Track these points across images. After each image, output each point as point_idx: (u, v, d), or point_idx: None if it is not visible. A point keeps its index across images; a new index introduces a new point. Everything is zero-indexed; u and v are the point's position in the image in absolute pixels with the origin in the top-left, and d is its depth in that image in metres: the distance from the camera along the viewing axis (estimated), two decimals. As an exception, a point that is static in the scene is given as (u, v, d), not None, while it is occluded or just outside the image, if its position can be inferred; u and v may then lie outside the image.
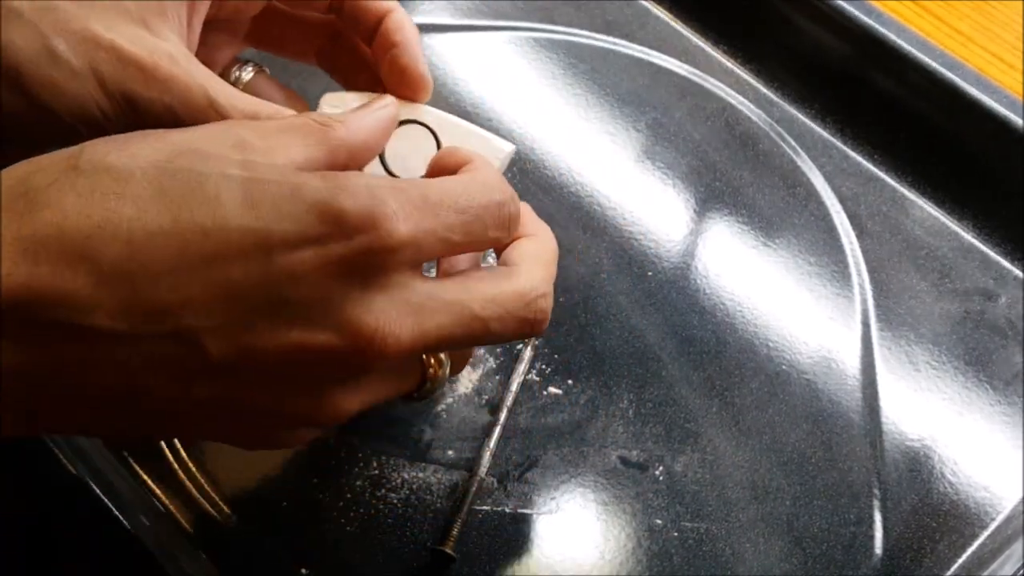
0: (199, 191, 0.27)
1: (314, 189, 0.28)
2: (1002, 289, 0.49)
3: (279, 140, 0.30)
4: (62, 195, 0.27)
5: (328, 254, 0.27)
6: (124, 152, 0.28)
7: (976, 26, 0.61)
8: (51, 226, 0.26)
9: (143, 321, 0.26)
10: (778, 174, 0.52)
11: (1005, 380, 0.46)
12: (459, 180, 0.31)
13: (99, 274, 0.26)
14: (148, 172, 0.27)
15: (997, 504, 0.43)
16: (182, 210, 0.27)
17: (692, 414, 0.44)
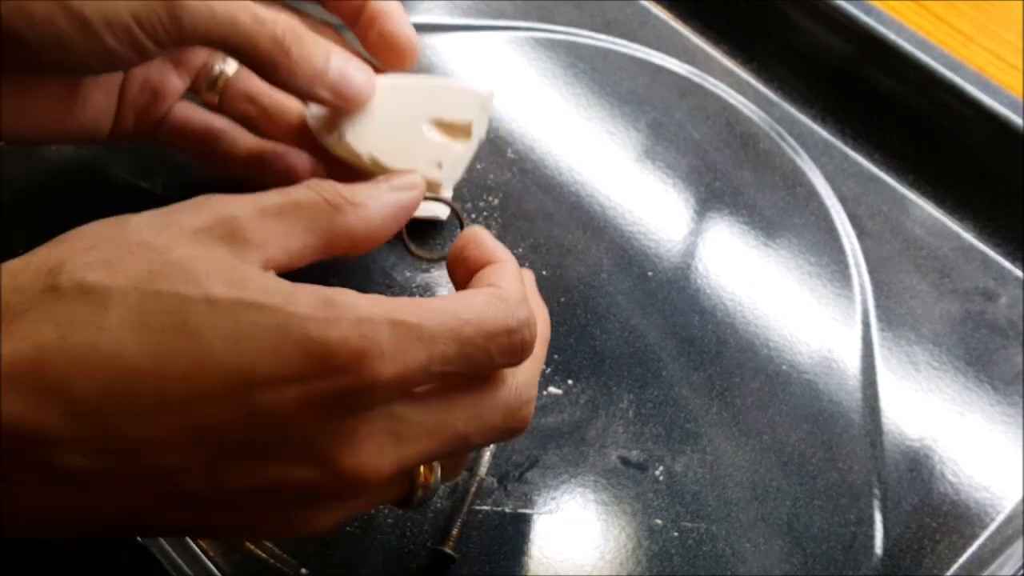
0: (181, 326, 0.26)
1: (301, 322, 0.26)
2: (1002, 289, 0.49)
3: (278, 227, 0.29)
4: (39, 326, 0.26)
5: (310, 392, 0.26)
6: (105, 271, 0.27)
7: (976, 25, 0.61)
8: (26, 361, 0.25)
9: (116, 460, 0.26)
10: (778, 174, 0.52)
11: (1005, 380, 0.46)
12: (468, 303, 0.29)
13: (73, 412, 0.25)
14: (129, 298, 0.26)
15: (997, 504, 0.43)
16: (163, 348, 0.26)
17: (692, 414, 0.44)
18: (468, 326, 0.29)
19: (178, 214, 0.29)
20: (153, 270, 0.27)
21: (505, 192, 0.49)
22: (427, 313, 0.28)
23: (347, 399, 0.27)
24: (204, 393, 0.26)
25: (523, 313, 0.30)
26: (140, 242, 0.27)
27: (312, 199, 0.30)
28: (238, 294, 0.26)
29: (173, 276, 0.27)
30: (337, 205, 0.31)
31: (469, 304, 0.29)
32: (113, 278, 0.26)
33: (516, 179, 0.50)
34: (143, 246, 0.27)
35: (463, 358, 0.29)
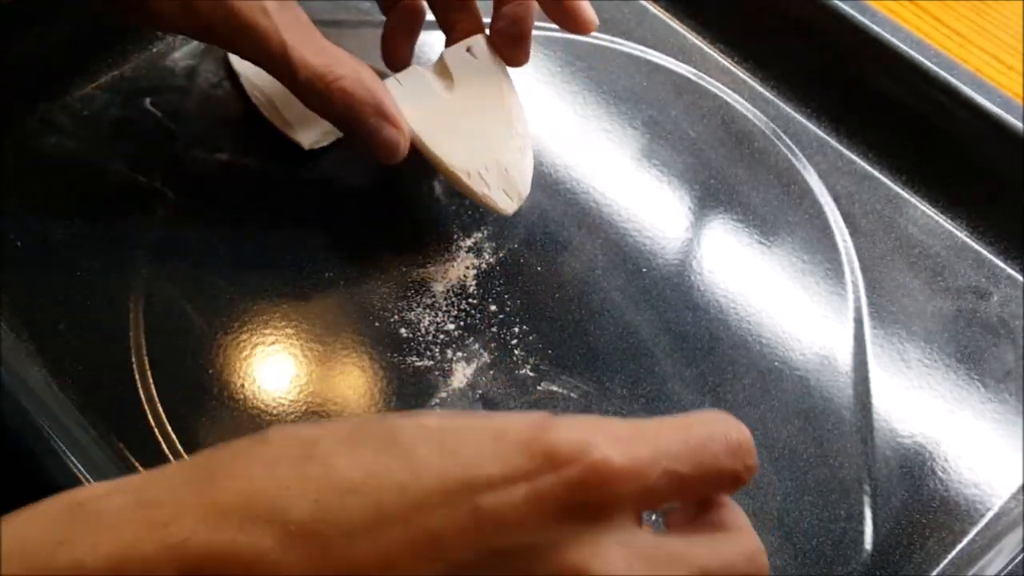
0: (393, 444, 0.25)
1: (517, 430, 0.25)
2: (995, 288, 0.49)
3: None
4: (249, 464, 0.25)
5: (539, 490, 0.24)
6: (317, 425, 0.27)
7: (974, 27, 0.61)
8: (236, 493, 0.25)
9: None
10: (773, 172, 0.52)
11: (996, 378, 0.46)
12: (683, 417, 0.28)
13: (285, 534, 0.24)
14: (337, 434, 0.26)
15: (987, 501, 0.43)
16: (375, 463, 0.25)
17: (685, 410, 0.44)
18: (682, 426, 0.27)
19: None
20: (360, 422, 0.27)
21: (501, 189, 0.50)
22: (639, 421, 0.27)
23: (581, 494, 0.25)
24: (423, 502, 0.24)
25: (731, 418, 0.28)
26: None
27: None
28: (446, 419, 0.26)
29: (383, 419, 0.27)
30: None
31: (672, 419, 0.28)
32: (321, 428, 0.26)
33: (512, 176, 0.50)
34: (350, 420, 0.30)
35: (690, 455, 0.27)
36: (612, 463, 0.25)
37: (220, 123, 0.51)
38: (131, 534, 0.24)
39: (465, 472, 0.24)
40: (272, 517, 0.24)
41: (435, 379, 0.44)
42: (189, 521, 0.24)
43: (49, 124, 0.50)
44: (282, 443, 0.26)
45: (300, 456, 0.25)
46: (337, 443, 0.25)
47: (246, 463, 0.25)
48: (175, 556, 0.24)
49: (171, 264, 0.46)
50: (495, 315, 0.46)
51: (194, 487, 0.25)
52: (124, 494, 0.25)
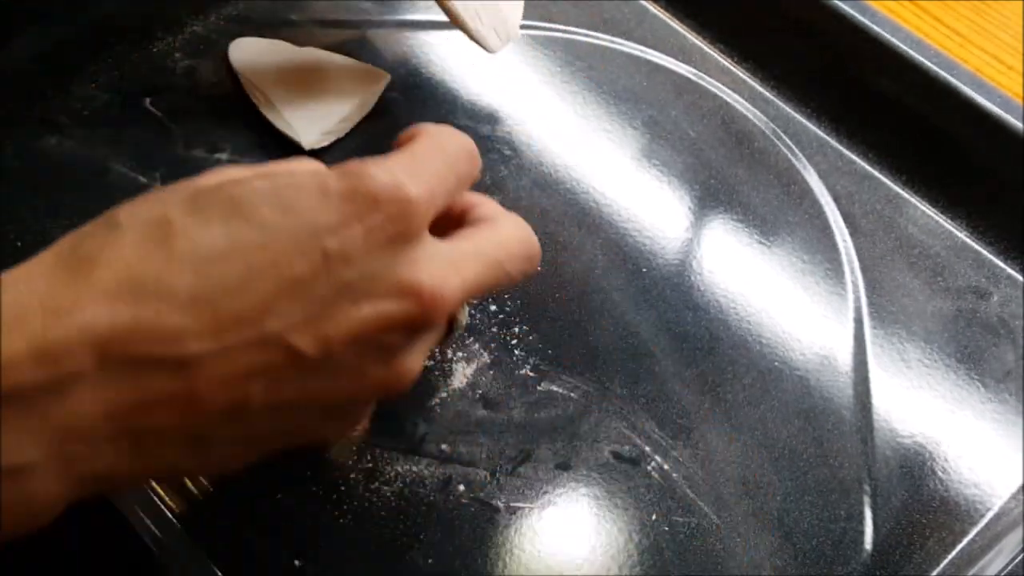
0: (238, 210, 0.29)
1: (336, 181, 0.30)
2: (995, 288, 0.49)
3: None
4: (118, 250, 0.28)
5: (371, 227, 0.30)
6: (152, 201, 0.30)
7: (974, 27, 0.61)
8: (118, 279, 0.28)
9: (231, 336, 0.28)
10: (773, 172, 0.52)
11: (996, 378, 0.46)
12: (423, 138, 0.34)
13: (179, 304, 0.28)
14: (184, 208, 0.29)
15: (987, 501, 0.43)
16: (231, 231, 0.29)
17: (685, 410, 0.44)
18: (436, 146, 0.33)
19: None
20: (194, 193, 0.30)
21: (500, 189, 0.50)
22: (407, 152, 0.33)
23: (400, 225, 0.30)
24: (283, 253, 0.29)
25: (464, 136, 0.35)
26: (186, 188, 0.31)
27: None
28: (272, 181, 0.30)
29: (215, 190, 0.30)
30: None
31: (423, 138, 0.34)
32: (163, 204, 0.29)
33: (511, 176, 0.50)
34: (186, 187, 0.31)
35: (451, 169, 0.33)
36: (415, 196, 0.30)
37: (220, 123, 0.51)
38: (39, 324, 0.27)
39: (309, 225, 0.29)
40: (161, 292, 0.28)
41: (435, 379, 0.44)
42: (88, 306, 0.27)
43: (49, 124, 0.50)
44: (138, 227, 0.29)
45: (162, 235, 0.28)
46: (188, 217, 0.29)
47: (115, 250, 0.28)
48: (86, 339, 0.27)
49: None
50: (495, 315, 0.46)
51: (73, 277, 0.28)
52: (11, 290, 0.27)
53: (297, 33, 0.54)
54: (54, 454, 0.28)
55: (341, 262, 0.29)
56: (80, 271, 0.28)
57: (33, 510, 0.29)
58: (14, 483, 0.28)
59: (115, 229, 0.29)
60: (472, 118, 0.52)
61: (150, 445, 0.29)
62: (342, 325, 0.29)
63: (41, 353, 0.27)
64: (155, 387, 0.28)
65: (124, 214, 0.29)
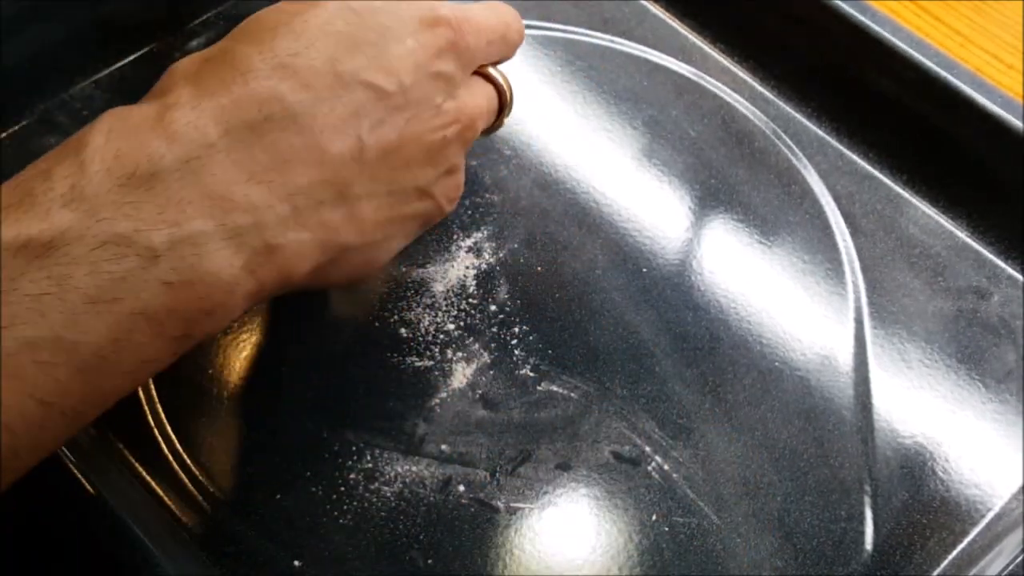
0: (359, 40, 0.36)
1: (418, 8, 0.38)
2: (995, 288, 0.49)
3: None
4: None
5: (434, 40, 0.38)
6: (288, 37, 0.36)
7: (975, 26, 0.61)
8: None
9: (317, 84, 0.34)
10: (774, 172, 0.52)
11: (997, 378, 0.46)
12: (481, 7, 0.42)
13: (267, 71, 0.34)
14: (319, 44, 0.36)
15: (988, 501, 0.43)
16: (357, 60, 0.36)
17: (685, 410, 0.44)
18: (502, 17, 0.43)
19: None
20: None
21: (501, 189, 0.50)
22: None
23: (464, 49, 0.39)
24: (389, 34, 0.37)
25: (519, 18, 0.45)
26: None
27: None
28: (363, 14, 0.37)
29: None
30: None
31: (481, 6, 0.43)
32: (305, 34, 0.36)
33: (512, 176, 0.50)
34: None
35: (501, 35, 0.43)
36: (476, 24, 0.40)
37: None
38: (168, 112, 0.33)
39: (399, 22, 0.37)
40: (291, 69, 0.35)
41: (435, 379, 0.44)
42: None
43: (49, 124, 0.50)
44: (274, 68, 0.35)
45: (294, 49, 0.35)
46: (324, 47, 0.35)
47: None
48: (210, 117, 0.33)
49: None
50: (495, 315, 0.46)
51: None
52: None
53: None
54: (220, 225, 0.31)
55: (432, 53, 0.37)
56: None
57: (220, 288, 0.31)
58: (195, 254, 0.30)
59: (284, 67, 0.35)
60: (472, 118, 0.52)
61: (305, 206, 0.34)
62: (401, 57, 0.36)
63: (172, 135, 0.31)
64: (282, 145, 0.33)
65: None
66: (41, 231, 0.29)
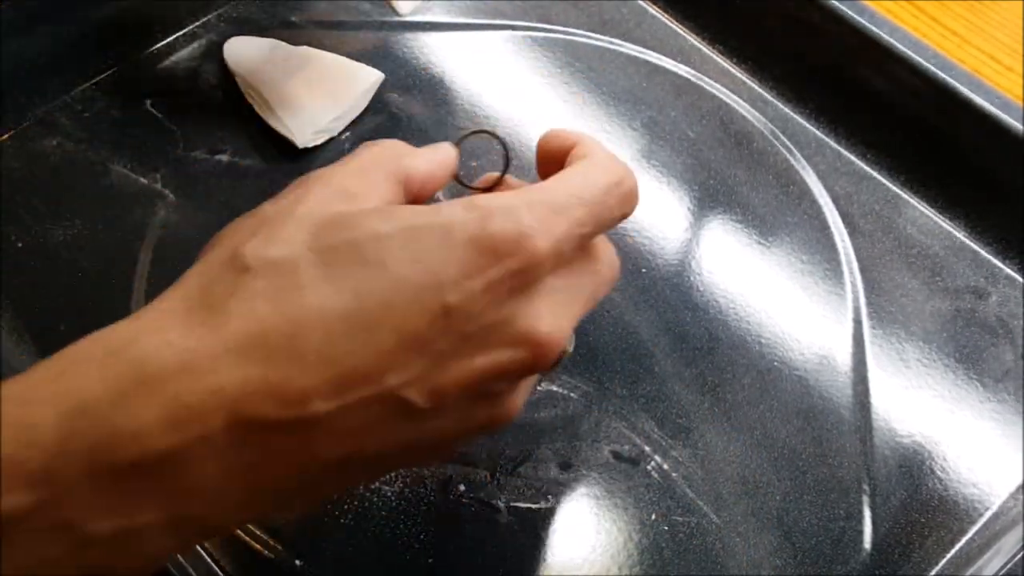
0: (364, 263, 0.29)
1: (462, 224, 0.29)
2: (993, 287, 0.49)
3: (368, 181, 0.32)
4: (248, 301, 0.28)
5: (491, 280, 0.29)
6: (279, 240, 0.29)
7: (971, 27, 0.62)
8: (252, 333, 0.27)
9: (352, 394, 0.28)
10: (772, 173, 0.52)
11: (995, 377, 0.46)
12: (577, 172, 0.33)
13: (306, 365, 0.27)
14: (309, 257, 0.29)
15: (986, 500, 0.43)
16: (359, 285, 0.28)
17: (684, 409, 0.44)
18: (586, 190, 0.32)
19: (302, 198, 0.31)
20: (315, 231, 0.29)
21: (501, 189, 0.50)
22: (550, 191, 0.31)
23: (521, 277, 0.30)
24: (407, 311, 0.28)
25: (620, 166, 0.34)
26: (285, 214, 0.30)
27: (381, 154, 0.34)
28: (395, 224, 0.29)
29: (336, 228, 0.29)
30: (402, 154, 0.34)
31: (576, 175, 0.33)
32: (288, 246, 0.29)
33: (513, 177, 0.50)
34: (291, 216, 0.30)
35: (593, 218, 0.32)
36: (542, 250, 0.30)
37: (220, 124, 0.51)
38: (176, 387, 0.27)
39: (433, 278, 0.29)
40: (291, 353, 0.27)
41: (435, 379, 0.44)
42: (221, 368, 0.27)
43: (49, 124, 0.51)
44: (266, 273, 0.28)
45: (291, 286, 0.28)
46: (316, 269, 0.29)
47: (246, 301, 0.28)
48: (219, 403, 0.27)
49: (171, 264, 0.46)
50: (495, 315, 0.46)
51: (206, 329, 0.28)
52: (160, 341, 0.27)
53: (297, 34, 0.54)
54: (172, 516, 0.27)
55: (462, 317, 0.29)
56: (212, 323, 0.28)
57: (143, 564, 0.28)
58: (129, 543, 0.27)
59: (243, 274, 0.28)
60: (471, 119, 0.52)
61: (261, 497, 0.29)
62: (456, 377, 0.29)
63: (176, 420, 0.27)
64: (276, 447, 0.28)
65: (250, 254, 0.29)
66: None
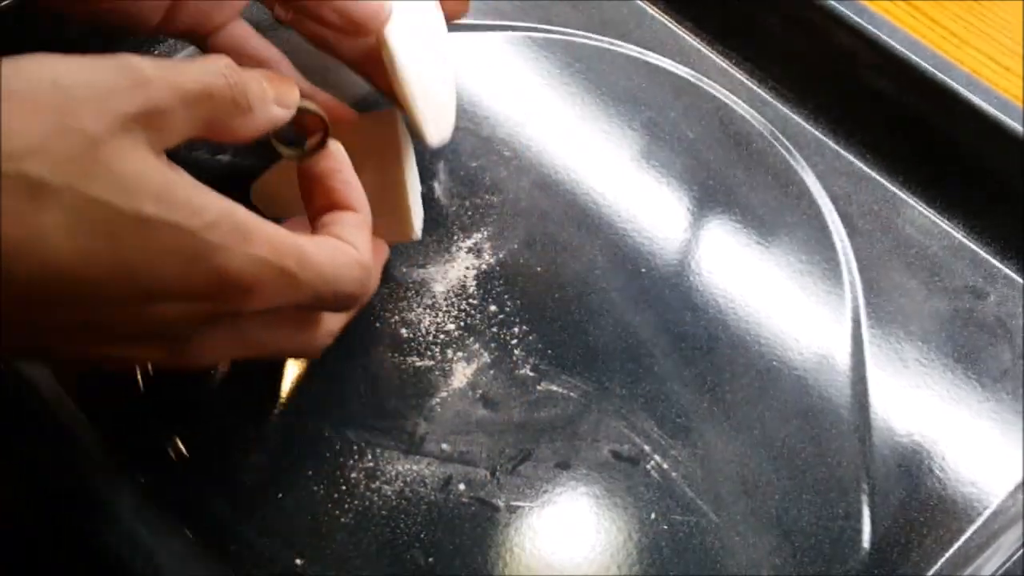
0: (110, 238, 0.28)
1: (213, 251, 0.30)
2: (991, 287, 0.49)
3: (187, 117, 0.31)
4: None
5: (194, 310, 0.31)
6: (47, 162, 0.28)
7: (970, 28, 0.62)
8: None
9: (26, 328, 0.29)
10: (771, 173, 0.52)
11: (993, 377, 0.46)
12: (335, 261, 0.34)
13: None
14: (66, 199, 0.28)
15: (984, 500, 0.43)
16: (90, 254, 0.28)
17: (684, 409, 0.44)
18: (330, 285, 0.34)
19: (115, 94, 0.29)
20: (89, 170, 0.28)
21: (501, 190, 0.50)
22: (306, 265, 0.32)
23: (217, 317, 0.31)
24: (110, 298, 0.29)
25: (374, 284, 0.37)
26: (80, 129, 0.28)
27: (223, 94, 0.32)
28: (165, 214, 0.29)
29: (108, 182, 0.28)
30: (239, 106, 0.33)
31: (336, 263, 0.34)
32: (53, 173, 0.28)
33: (512, 177, 0.50)
34: (82, 134, 0.28)
35: (315, 301, 0.34)
36: (254, 308, 0.31)
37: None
38: None
39: (154, 284, 0.29)
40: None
41: (435, 379, 0.44)
42: None
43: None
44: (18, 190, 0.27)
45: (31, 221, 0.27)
46: (64, 215, 0.28)
47: None
48: None
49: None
50: (495, 315, 0.46)
51: None
52: None
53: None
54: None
55: (148, 323, 0.30)
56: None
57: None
58: None
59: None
60: (472, 120, 0.52)
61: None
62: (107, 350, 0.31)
63: None
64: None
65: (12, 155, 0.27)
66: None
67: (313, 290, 0.33)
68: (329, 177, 0.37)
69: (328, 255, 0.34)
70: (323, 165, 0.37)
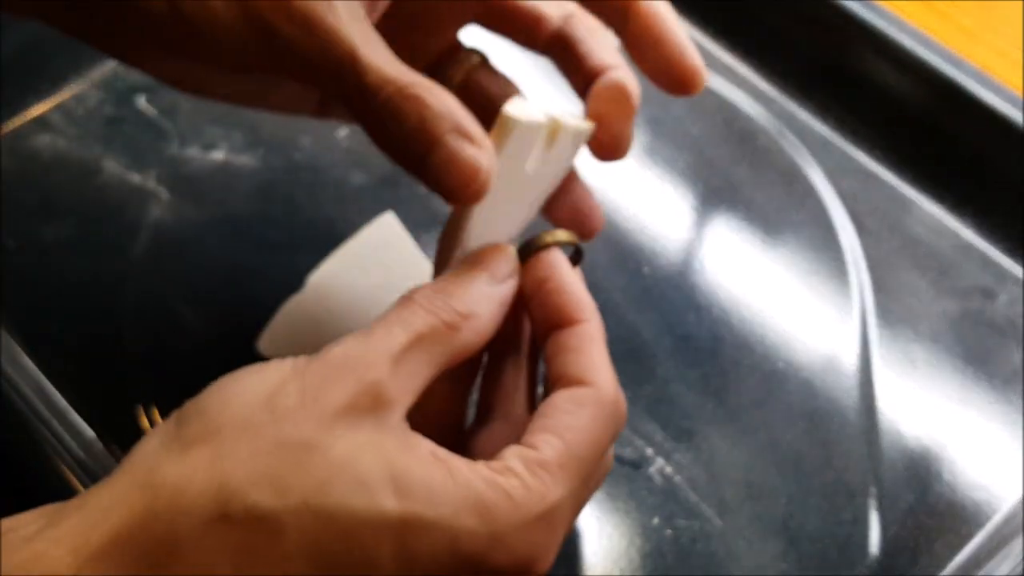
0: (356, 551, 0.26)
1: (470, 542, 0.27)
2: (1001, 288, 0.48)
3: (408, 373, 0.29)
4: (215, 557, 0.25)
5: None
6: (272, 490, 0.26)
7: (982, 23, 0.61)
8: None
9: None
10: (777, 171, 0.52)
11: (1004, 379, 0.46)
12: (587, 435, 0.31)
13: None
14: (303, 522, 0.26)
15: (995, 503, 0.42)
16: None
17: (688, 411, 0.43)
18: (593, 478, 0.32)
19: (323, 391, 0.27)
20: (320, 480, 0.26)
21: (501, 187, 0.49)
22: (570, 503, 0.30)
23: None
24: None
25: (623, 423, 0.33)
26: (300, 441, 0.26)
27: (432, 326, 0.29)
28: (406, 507, 0.26)
29: (341, 487, 0.26)
30: (454, 325, 0.30)
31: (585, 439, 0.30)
32: (282, 498, 0.26)
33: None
34: (303, 447, 0.26)
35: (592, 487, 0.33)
36: (541, 571, 0.29)
37: (214, 121, 0.51)
38: None
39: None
40: None
41: (434, 380, 0.43)
42: None
43: (43, 123, 0.50)
44: (246, 529, 0.25)
45: (268, 556, 0.25)
46: (303, 539, 0.25)
47: (213, 552, 0.25)
48: None
49: (166, 264, 0.46)
50: (495, 315, 0.45)
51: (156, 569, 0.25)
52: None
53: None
54: None
55: None
56: (161, 564, 0.25)
57: None
58: None
59: (222, 523, 0.25)
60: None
61: None
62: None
63: None
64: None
65: (238, 500, 0.25)
66: None
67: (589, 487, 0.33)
68: (545, 285, 0.34)
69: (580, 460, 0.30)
70: (546, 289, 0.34)
